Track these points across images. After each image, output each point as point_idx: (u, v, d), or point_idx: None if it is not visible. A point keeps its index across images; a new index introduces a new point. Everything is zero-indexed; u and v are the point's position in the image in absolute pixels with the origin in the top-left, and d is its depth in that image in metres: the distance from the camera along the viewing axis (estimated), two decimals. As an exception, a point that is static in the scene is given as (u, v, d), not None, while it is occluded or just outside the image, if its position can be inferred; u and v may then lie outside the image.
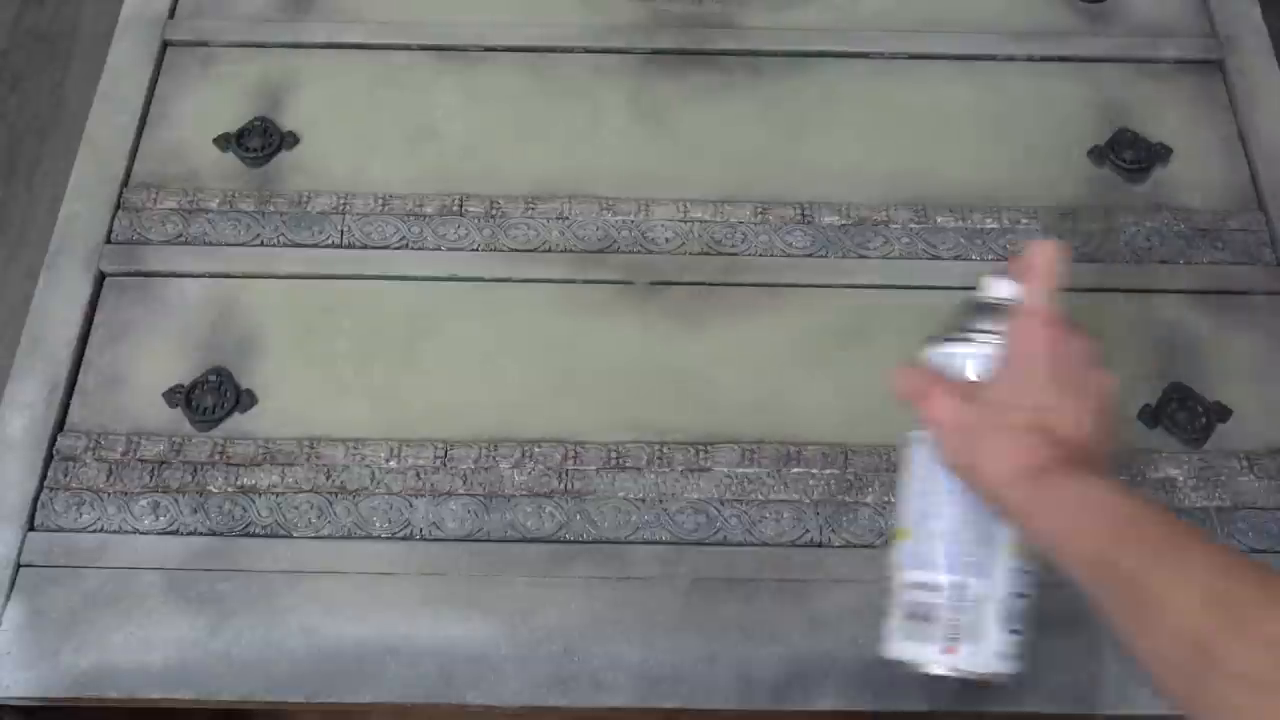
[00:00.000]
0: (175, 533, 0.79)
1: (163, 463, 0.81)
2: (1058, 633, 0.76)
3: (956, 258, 0.91)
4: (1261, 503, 0.81)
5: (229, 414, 0.84)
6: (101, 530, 0.79)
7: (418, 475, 0.81)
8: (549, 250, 0.91)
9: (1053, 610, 0.77)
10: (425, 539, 0.79)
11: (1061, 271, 0.64)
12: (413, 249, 0.91)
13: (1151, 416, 0.84)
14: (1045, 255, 0.65)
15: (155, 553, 0.78)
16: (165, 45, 1.01)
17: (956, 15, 1.04)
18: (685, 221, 0.92)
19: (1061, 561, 0.57)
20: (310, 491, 0.80)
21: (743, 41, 1.02)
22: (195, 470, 0.81)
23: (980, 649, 0.64)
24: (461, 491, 0.81)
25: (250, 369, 0.86)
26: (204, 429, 0.83)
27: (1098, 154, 0.96)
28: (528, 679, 0.74)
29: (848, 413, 0.84)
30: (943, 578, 0.64)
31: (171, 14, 1.03)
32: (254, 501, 0.80)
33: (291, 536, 0.79)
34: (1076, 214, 0.93)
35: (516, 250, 0.91)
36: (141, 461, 0.81)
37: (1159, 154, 0.96)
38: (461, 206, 0.92)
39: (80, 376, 0.86)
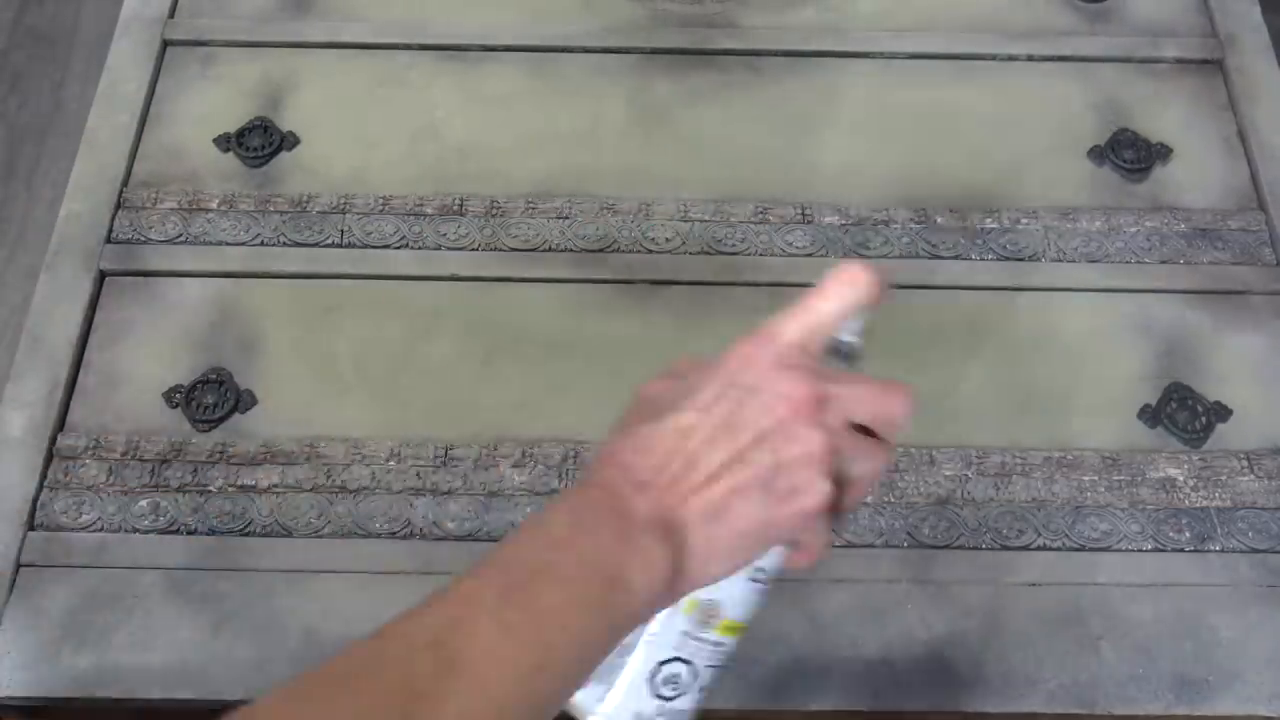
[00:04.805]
0: (175, 532, 0.79)
1: (163, 462, 0.81)
2: (1057, 632, 0.76)
3: (956, 258, 0.91)
4: (1261, 503, 0.81)
5: (229, 414, 0.84)
6: (101, 530, 0.79)
7: (418, 475, 0.81)
8: (549, 250, 0.91)
9: (1052, 609, 0.77)
10: (425, 539, 0.79)
11: (866, 302, 0.51)
12: (413, 249, 0.91)
13: (1151, 416, 0.84)
14: (849, 276, 0.51)
15: (155, 552, 0.78)
16: (165, 45, 1.01)
17: (956, 15, 1.04)
18: (685, 221, 0.92)
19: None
20: (310, 491, 0.80)
21: (743, 41, 1.02)
22: (195, 470, 0.81)
23: (617, 705, 0.52)
24: (461, 491, 0.81)
25: (250, 369, 0.86)
26: (204, 429, 0.83)
27: (1098, 154, 0.97)
28: (528, 679, 0.74)
29: (848, 413, 0.84)
30: None
31: (171, 14, 1.03)
32: (254, 501, 0.80)
33: (291, 536, 0.79)
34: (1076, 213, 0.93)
35: (516, 250, 0.91)
36: (141, 461, 0.81)
37: (1159, 154, 0.96)
38: (461, 206, 0.92)
39: (80, 376, 0.86)
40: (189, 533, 0.79)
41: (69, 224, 0.92)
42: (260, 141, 0.95)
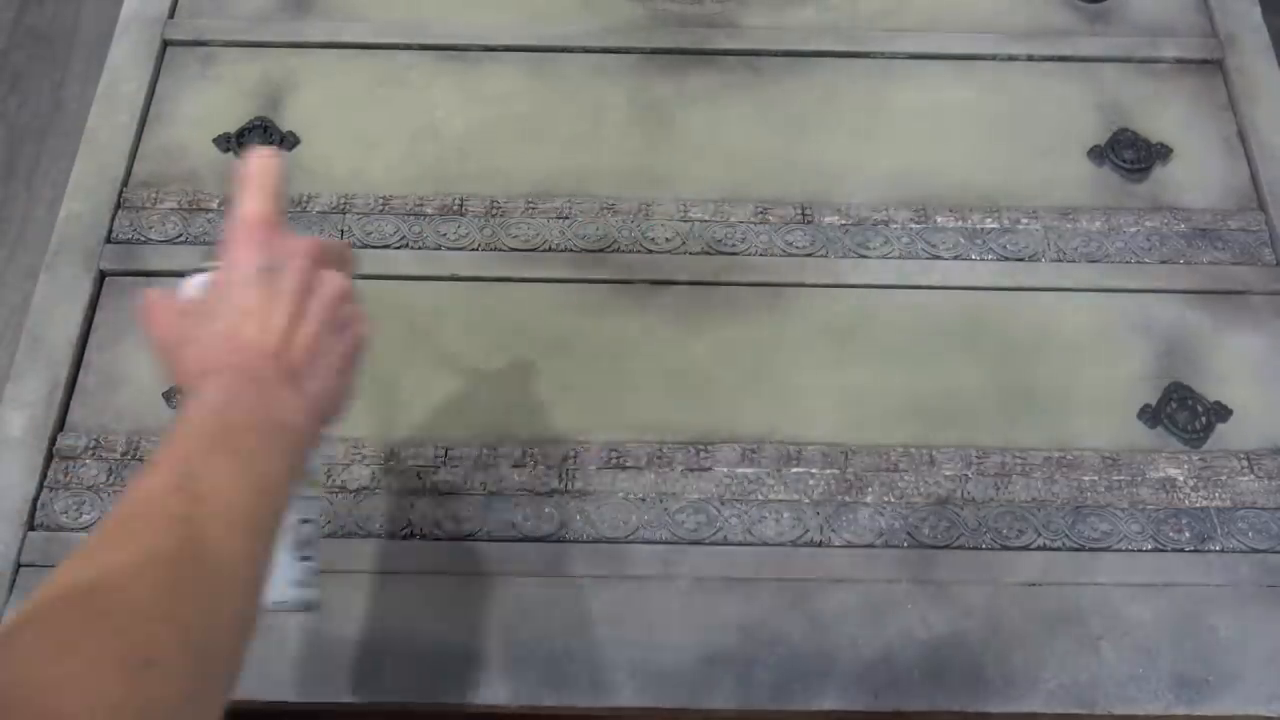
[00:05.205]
0: (175, 533, 0.79)
1: (163, 463, 0.81)
2: (1058, 632, 0.76)
3: (956, 258, 0.91)
4: (1261, 503, 0.81)
5: (229, 414, 0.84)
6: (101, 530, 0.79)
7: (418, 475, 0.81)
8: (549, 250, 0.91)
9: (1052, 609, 0.77)
10: (425, 539, 0.79)
11: (281, 179, 0.61)
12: (413, 249, 0.91)
13: (1151, 416, 0.84)
14: (261, 164, 0.61)
15: (155, 553, 0.78)
16: (165, 45, 1.01)
17: (956, 15, 1.04)
18: (685, 221, 0.92)
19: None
20: (310, 491, 0.80)
21: (743, 41, 1.02)
22: (195, 470, 0.81)
23: (273, 580, 0.60)
24: (461, 491, 0.81)
25: (250, 369, 0.86)
26: (204, 429, 0.83)
27: (1098, 154, 0.97)
28: (528, 679, 0.74)
29: (848, 413, 0.84)
30: None
31: (171, 14, 1.03)
32: (254, 501, 0.80)
33: (291, 536, 0.79)
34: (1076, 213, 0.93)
35: (516, 250, 0.91)
36: (142, 461, 0.81)
37: (1159, 154, 0.96)
38: (461, 206, 0.92)
39: (80, 376, 0.86)
40: (189, 533, 0.79)
41: (69, 224, 0.92)
42: (260, 141, 0.95)
